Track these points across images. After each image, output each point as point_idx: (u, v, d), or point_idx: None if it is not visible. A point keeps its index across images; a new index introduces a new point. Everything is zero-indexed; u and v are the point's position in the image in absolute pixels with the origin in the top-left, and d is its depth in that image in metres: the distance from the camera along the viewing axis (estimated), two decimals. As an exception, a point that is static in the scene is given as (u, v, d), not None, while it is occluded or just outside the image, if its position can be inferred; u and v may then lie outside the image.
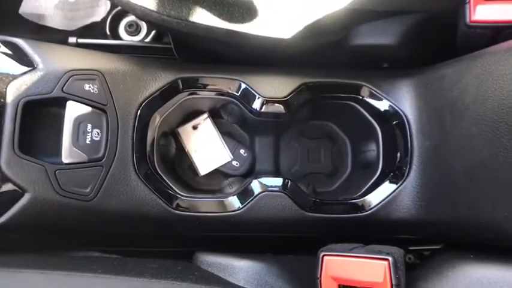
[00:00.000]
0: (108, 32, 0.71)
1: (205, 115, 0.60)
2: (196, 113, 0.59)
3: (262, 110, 0.54)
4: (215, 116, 0.60)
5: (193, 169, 0.59)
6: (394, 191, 0.51)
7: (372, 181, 0.54)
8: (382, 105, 0.55)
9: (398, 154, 0.53)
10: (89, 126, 0.46)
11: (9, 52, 0.46)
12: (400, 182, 0.51)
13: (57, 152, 0.45)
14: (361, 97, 0.55)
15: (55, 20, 0.73)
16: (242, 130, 0.61)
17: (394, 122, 0.54)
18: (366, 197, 0.53)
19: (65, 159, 0.45)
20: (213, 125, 0.60)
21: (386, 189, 0.52)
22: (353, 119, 0.58)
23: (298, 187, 0.54)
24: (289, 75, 0.54)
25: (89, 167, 0.46)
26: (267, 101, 0.54)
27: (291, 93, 0.54)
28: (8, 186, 0.44)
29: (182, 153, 0.59)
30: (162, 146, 0.55)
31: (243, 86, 0.54)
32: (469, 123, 0.43)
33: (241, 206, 0.52)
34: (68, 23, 0.73)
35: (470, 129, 0.43)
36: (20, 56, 0.46)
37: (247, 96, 0.55)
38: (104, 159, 0.47)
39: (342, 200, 0.54)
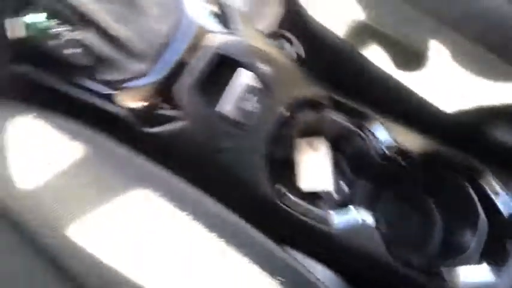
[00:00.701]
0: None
1: (326, 139, 0.64)
2: (318, 132, 0.63)
3: (386, 154, 0.58)
4: (333, 142, 0.63)
5: (295, 181, 0.63)
6: (487, 275, 0.51)
7: (461, 263, 0.55)
8: (498, 198, 0.56)
9: (500, 245, 0.53)
10: (254, 97, 0.52)
11: (216, 11, 0.54)
12: (495, 269, 0.51)
13: (220, 102, 0.51)
14: (479, 182, 0.57)
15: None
16: (352, 165, 0.64)
17: (504, 216, 0.55)
18: (451, 270, 0.53)
19: (224, 110, 0.50)
20: (329, 151, 0.64)
21: (477, 272, 0.52)
22: (459, 198, 0.59)
23: (393, 233, 0.56)
24: (424, 134, 0.58)
25: (236, 127, 0.51)
26: (394, 148, 0.57)
27: (419, 151, 0.57)
28: (170, 112, 0.50)
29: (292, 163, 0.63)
30: (284, 147, 0.60)
31: (379, 124, 0.58)
32: None
33: (337, 225, 0.54)
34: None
35: None
36: (223, 18, 0.54)
37: (377, 136, 0.58)
38: (248, 128, 0.52)
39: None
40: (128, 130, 0.46)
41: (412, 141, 0.57)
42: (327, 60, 0.62)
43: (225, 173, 0.51)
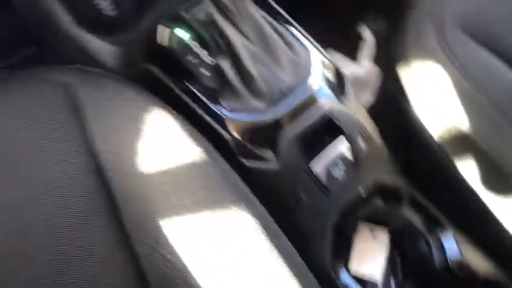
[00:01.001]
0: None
1: (389, 232, 0.63)
2: (385, 222, 0.63)
3: (448, 265, 0.57)
4: (396, 236, 0.63)
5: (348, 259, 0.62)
6: None
7: None
8: None
9: None
10: (343, 167, 0.54)
11: (332, 79, 0.59)
12: None
13: (314, 159, 0.53)
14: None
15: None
16: (408, 266, 0.63)
17: None
18: None
19: (314, 168, 0.53)
20: (388, 245, 0.63)
21: None
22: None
23: None
24: (494, 260, 0.57)
25: (319, 187, 0.53)
26: (459, 262, 0.57)
27: (484, 274, 0.56)
28: (263, 151, 0.52)
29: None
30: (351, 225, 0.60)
31: (451, 235, 0.58)
32: None
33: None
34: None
35: None
36: (336, 86, 0.58)
37: (444, 244, 0.58)
38: (329, 193, 0.54)
39: None
40: (229, 155, 0.49)
41: (480, 262, 0.56)
42: (416, 157, 0.64)
43: (296, 225, 0.52)
